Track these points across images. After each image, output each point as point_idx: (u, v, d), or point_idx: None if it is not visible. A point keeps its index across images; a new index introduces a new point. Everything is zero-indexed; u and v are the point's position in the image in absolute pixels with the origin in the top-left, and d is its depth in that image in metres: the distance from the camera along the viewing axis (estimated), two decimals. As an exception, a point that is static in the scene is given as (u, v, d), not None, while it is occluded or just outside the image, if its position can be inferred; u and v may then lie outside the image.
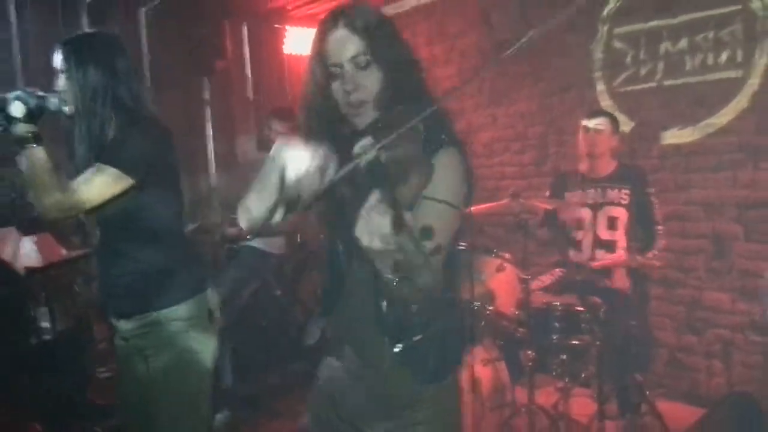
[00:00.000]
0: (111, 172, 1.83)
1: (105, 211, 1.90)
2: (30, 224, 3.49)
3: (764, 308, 2.47)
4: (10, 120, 1.80)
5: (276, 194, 1.24)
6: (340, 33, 1.35)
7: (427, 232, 1.06)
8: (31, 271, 3.20)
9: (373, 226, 1.07)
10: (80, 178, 1.84)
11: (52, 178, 1.81)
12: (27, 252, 3.28)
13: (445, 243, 1.31)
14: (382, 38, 1.35)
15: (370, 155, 1.19)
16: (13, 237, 3.30)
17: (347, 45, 1.34)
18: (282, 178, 1.21)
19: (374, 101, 1.35)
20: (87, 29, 4.39)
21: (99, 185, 1.83)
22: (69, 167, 1.98)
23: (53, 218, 1.86)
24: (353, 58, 1.34)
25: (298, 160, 1.20)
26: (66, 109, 1.92)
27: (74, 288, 3.53)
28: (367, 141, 1.19)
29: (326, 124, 1.42)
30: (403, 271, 1.10)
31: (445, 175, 1.31)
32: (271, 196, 1.26)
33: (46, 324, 3.86)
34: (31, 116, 1.82)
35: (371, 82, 1.35)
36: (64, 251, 3.35)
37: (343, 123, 1.41)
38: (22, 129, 1.81)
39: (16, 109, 1.80)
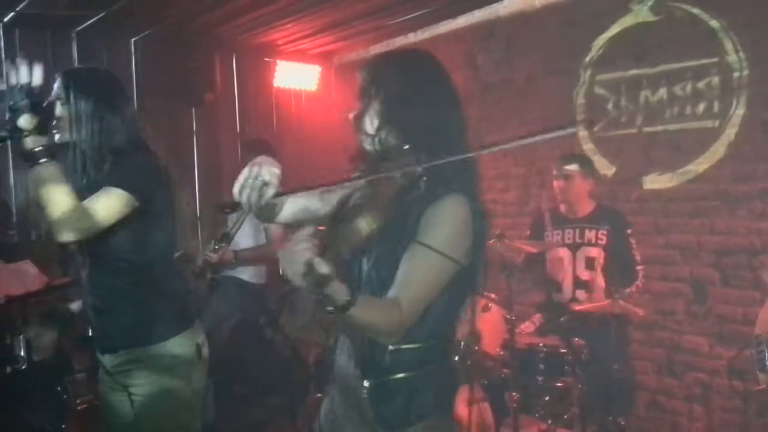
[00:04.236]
0: (119, 193, 1.80)
1: (101, 241, 1.88)
2: (11, 251, 3.45)
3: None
4: (20, 132, 1.64)
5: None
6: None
7: (322, 279, 1.13)
8: (10, 299, 3.14)
9: (289, 261, 1.17)
10: (91, 199, 1.78)
11: (67, 196, 1.70)
12: (7, 279, 3.23)
13: (428, 290, 1.34)
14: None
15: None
16: (-7, 264, 3.25)
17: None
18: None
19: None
20: (76, 58, 4.43)
21: (110, 206, 1.78)
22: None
23: (67, 239, 1.75)
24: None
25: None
26: (58, 137, 1.92)
27: (54, 317, 3.46)
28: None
29: None
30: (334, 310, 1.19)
31: (442, 222, 1.34)
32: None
33: (21, 353, 3.78)
34: (43, 128, 1.68)
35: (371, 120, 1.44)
36: (45, 280, 3.29)
37: None
38: (32, 142, 1.65)
39: (26, 121, 1.65)
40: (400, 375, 1.40)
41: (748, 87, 3.33)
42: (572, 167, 3.37)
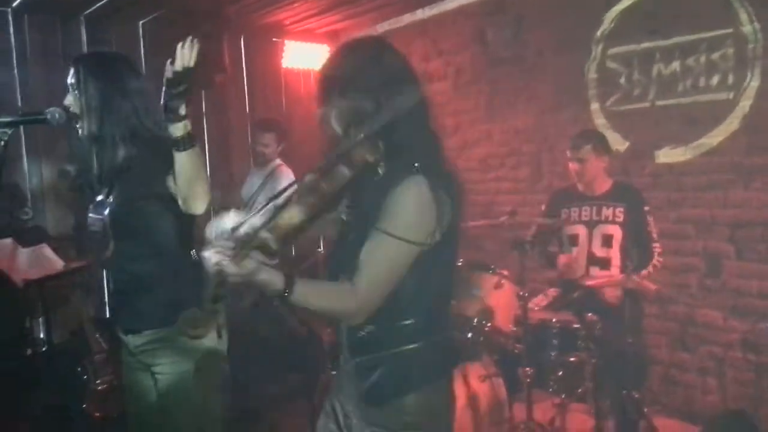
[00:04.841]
0: None
1: (127, 225, 1.92)
2: (28, 236, 3.50)
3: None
4: (179, 117, 1.69)
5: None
6: None
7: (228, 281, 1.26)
8: (28, 282, 3.19)
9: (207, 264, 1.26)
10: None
11: (206, 173, 1.83)
12: (24, 263, 3.28)
13: (387, 275, 1.37)
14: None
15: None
16: (11, 248, 3.30)
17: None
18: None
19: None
20: (86, 42, 4.43)
21: None
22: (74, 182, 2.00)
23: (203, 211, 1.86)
24: None
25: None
26: (78, 127, 1.93)
27: (71, 300, 3.52)
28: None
29: None
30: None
31: (399, 207, 1.35)
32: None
33: (41, 335, 3.86)
34: (187, 114, 1.72)
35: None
36: (62, 263, 3.34)
37: None
38: (185, 128, 1.71)
39: (184, 107, 1.69)
40: (380, 353, 1.45)
41: (763, 58, 3.28)
42: (586, 148, 3.32)
